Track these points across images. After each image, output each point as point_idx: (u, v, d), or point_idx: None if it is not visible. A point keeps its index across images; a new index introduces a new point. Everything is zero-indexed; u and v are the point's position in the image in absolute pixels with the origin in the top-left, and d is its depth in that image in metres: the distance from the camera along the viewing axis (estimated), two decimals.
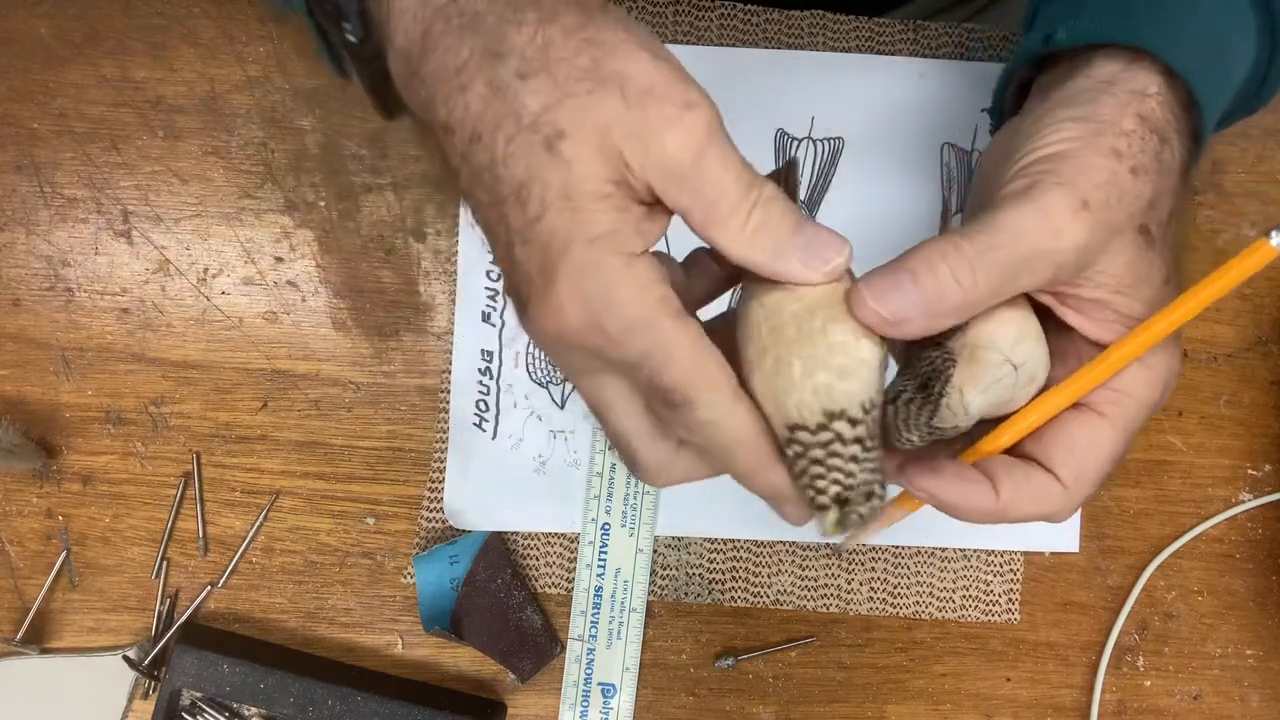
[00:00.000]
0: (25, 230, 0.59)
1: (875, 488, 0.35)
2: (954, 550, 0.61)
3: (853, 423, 0.34)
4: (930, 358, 0.37)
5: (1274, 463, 0.62)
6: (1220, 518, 0.62)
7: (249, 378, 0.60)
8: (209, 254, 0.60)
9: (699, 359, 0.34)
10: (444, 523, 0.60)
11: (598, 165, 0.33)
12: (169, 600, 0.60)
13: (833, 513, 0.35)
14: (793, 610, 0.61)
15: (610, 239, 0.33)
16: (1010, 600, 0.61)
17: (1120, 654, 0.62)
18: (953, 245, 0.35)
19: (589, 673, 0.60)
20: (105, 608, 0.60)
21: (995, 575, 0.61)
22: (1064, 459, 0.38)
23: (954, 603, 0.61)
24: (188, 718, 0.58)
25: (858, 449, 0.35)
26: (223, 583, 0.60)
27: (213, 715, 0.58)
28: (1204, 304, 0.36)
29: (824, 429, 0.34)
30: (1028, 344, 0.38)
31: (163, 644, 0.59)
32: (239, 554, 0.60)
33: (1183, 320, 0.37)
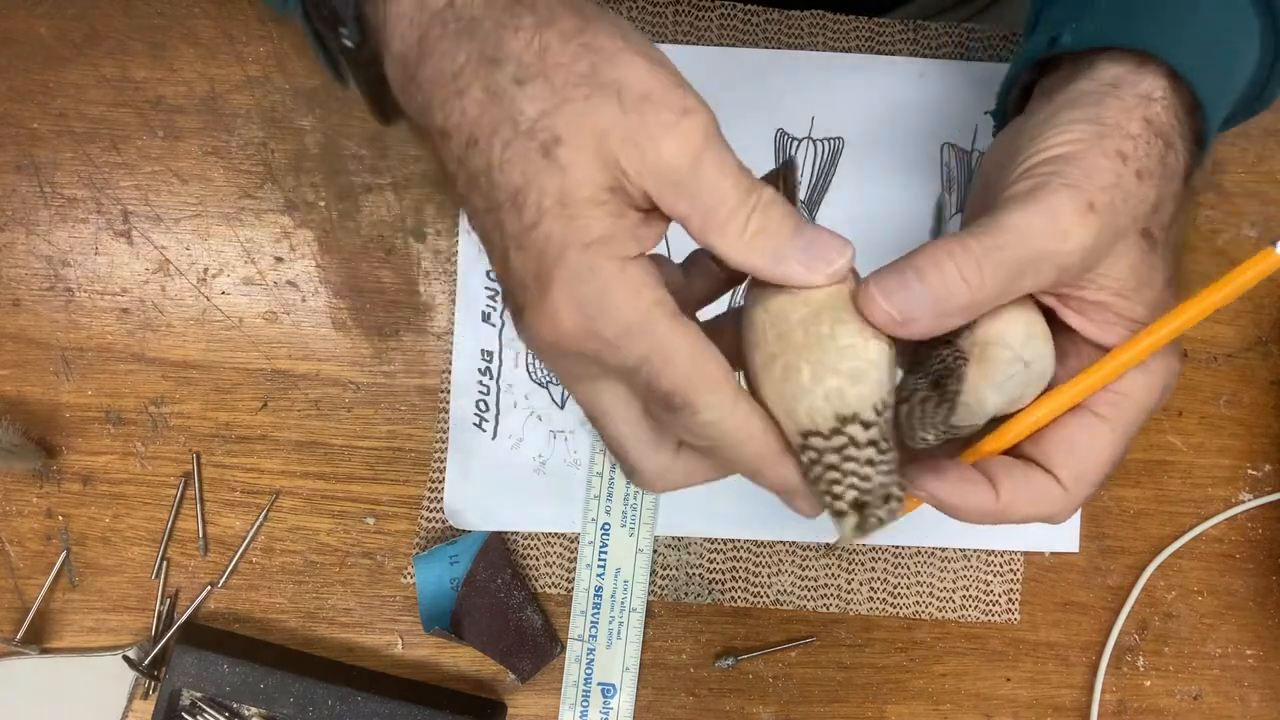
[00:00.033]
0: (25, 230, 0.59)
1: (893, 490, 0.35)
2: (954, 550, 0.61)
3: (866, 425, 0.34)
4: (942, 355, 0.36)
5: (1274, 463, 0.62)
6: (1220, 518, 0.62)
7: (249, 378, 0.60)
8: (209, 254, 0.60)
9: (698, 360, 0.34)
10: (444, 523, 0.60)
11: (594, 171, 0.33)
12: (169, 600, 0.60)
13: (851, 518, 0.34)
14: (793, 610, 0.61)
15: (605, 244, 0.33)
16: (1010, 600, 0.61)
17: (1120, 654, 0.62)
18: (960, 244, 0.35)
19: (589, 673, 0.60)
20: (105, 608, 0.60)
21: (995, 575, 0.61)
22: (1064, 460, 0.38)
23: (954, 603, 0.61)
24: (188, 718, 0.58)
25: (873, 452, 0.34)
26: (223, 583, 0.60)
27: (213, 715, 0.58)
28: (1208, 311, 0.36)
29: (837, 433, 0.34)
30: (1037, 342, 0.38)
31: (163, 644, 0.59)
32: (239, 554, 0.60)
33: (1186, 326, 0.37)
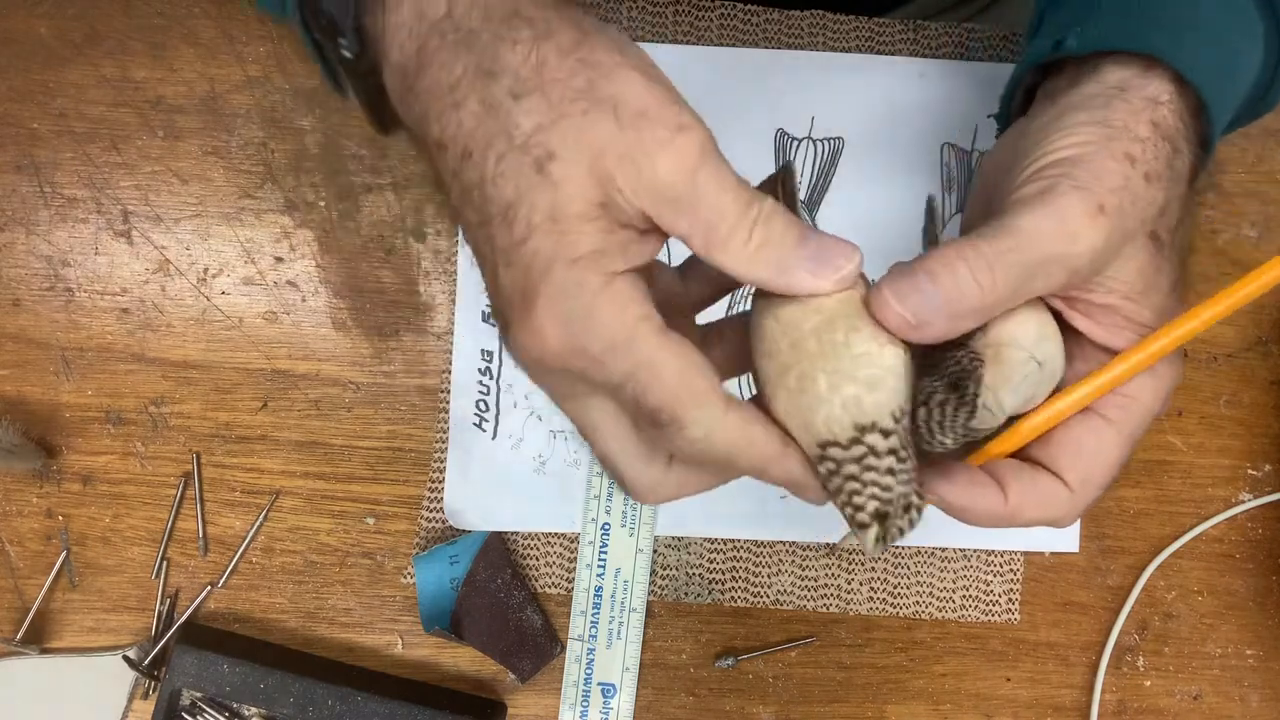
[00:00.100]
0: (25, 230, 0.59)
1: (913, 499, 0.34)
2: (954, 550, 0.61)
3: (885, 434, 0.34)
4: (956, 357, 0.36)
5: (1274, 463, 0.62)
6: (1220, 518, 0.62)
7: (249, 378, 0.60)
8: (209, 254, 0.60)
9: (685, 376, 0.33)
10: (444, 523, 0.60)
11: (587, 187, 0.33)
12: (169, 600, 0.60)
13: (874, 529, 0.34)
14: (793, 610, 0.61)
15: (593, 259, 0.33)
16: (1010, 600, 0.61)
17: (1120, 654, 0.62)
18: (971, 247, 0.35)
19: (589, 673, 0.60)
20: (105, 608, 0.60)
21: (995, 575, 0.61)
22: (1071, 463, 0.38)
23: (954, 603, 0.61)
24: (188, 718, 0.58)
25: (892, 460, 0.34)
26: (223, 583, 0.60)
27: (213, 715, 0.58)
28: (1218, 316, 0.36)
29: (856, 443, 0.34)
30: (1049, 343, 0.37)
31: (163, 644, 0.59)
32: (239, 554, 0.60)
33: (1197, 331, 0.37)
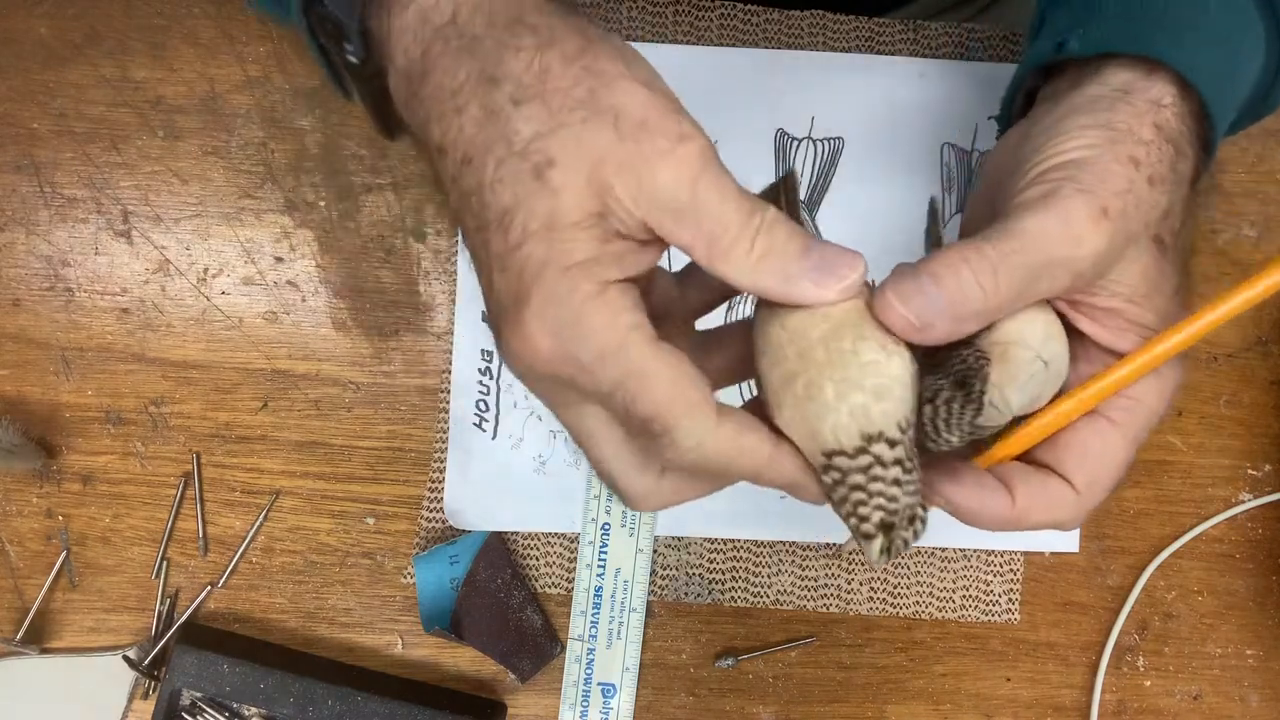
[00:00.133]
0: (25, 230, 0.59)
1: (918, 510, 0.34)
2: (954, 550, 0.61)
3: (891, 444, 0.34)
4: (963, 355, 0.36)
5: (1274, 463, 0.62)
6: (1220, 518, 0.62)
7: (249, 378, 0.60)
8: (209, 254, 0.60)
9: (677, 385, 0.33)
10: (444, 523, 0.60)
11: (585, 197, 0.33)
12: (169, 600, 0.60)
13: (879, 540, 0.34)
14: (793, 610, 0.61)
15: (586, 267, 0.33)
16: (1010, 600, 0.61)
17: (1120, 654, 0.62)
18: (975, 250, 0.34)
19: (589, 673, 0.60)
20: (105, 608, 0.60)
21: (995, 575, 0.61)
22: (1077, 465, 0.38)
23: (954, 603, 0.61)
24: (188, 718, 0.58)
25: (898, 471, 0.34)
26: (223, 583, 0.60)
27: (213, 715, 0.58)
28: (1223, 319, 0.36)
29: (863, 452, 0.34)
30: (1055, 342, 0.37)
31: (163, 644, 0.59)
32: (239, 554, 0.60)
33: (1201, 334, 0.36)
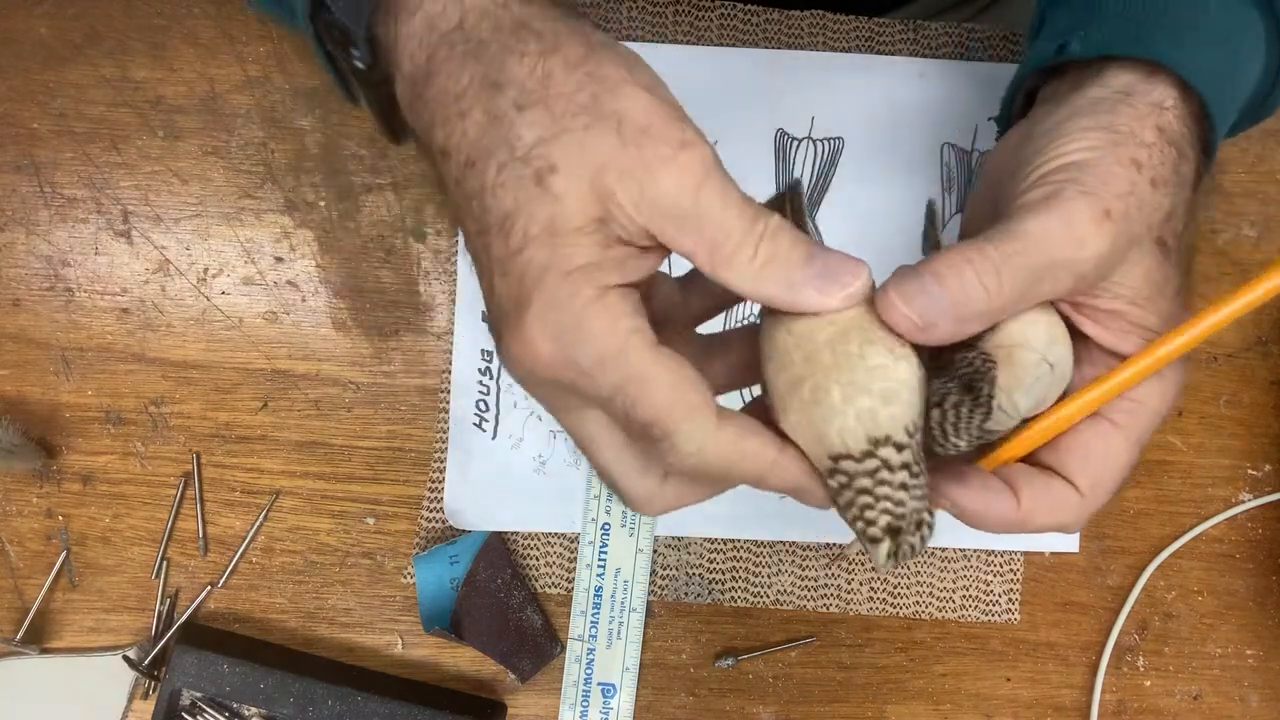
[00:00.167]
0: (25, 230, 0.59)
1: (925, 515, 0.34)
2: (954, 550, 0.61)
3: (899, 448, 0.33)
4: (969, 359, 0.36)
5: (1274, 463, 0.62)
6: (1220, 518, 0.62)
7: (249, 378, 0.60)
8: (209, 254, 0.60)
9: (677, 389, 0.33)
10: (444, 523, 0.60)
11: (587, 203, 0.33)
12: (169, 600, 0.60)
13: (886, 545, 0.33)
14: (793, 610, 0.61)
15: (586, 272, 0.33)
16: (1010, 600, 0.61)
17: (1120, 654, 0.62)
18: (978, 250, 0.34)
19: (589, 673, 0.60)
20: (105, 608, 0.60)
21: (995, 575, 0.61)
22: (1080, 467, 0.38)
23: (954, 603, 0.61)
24: (188, 718, 0.58)
25: (905, 475, 0.33)
26: (223, 583, 0.60)
27: (213, 715, 0.58)
28: (1226, 321, 0.36)
29: (870, 456, 0.33)
30: (1059, 345, 0.37)
31: (163, 644, 0.59)
32: (239, 554, 0.60)
33: (1204, 336, 0.36)
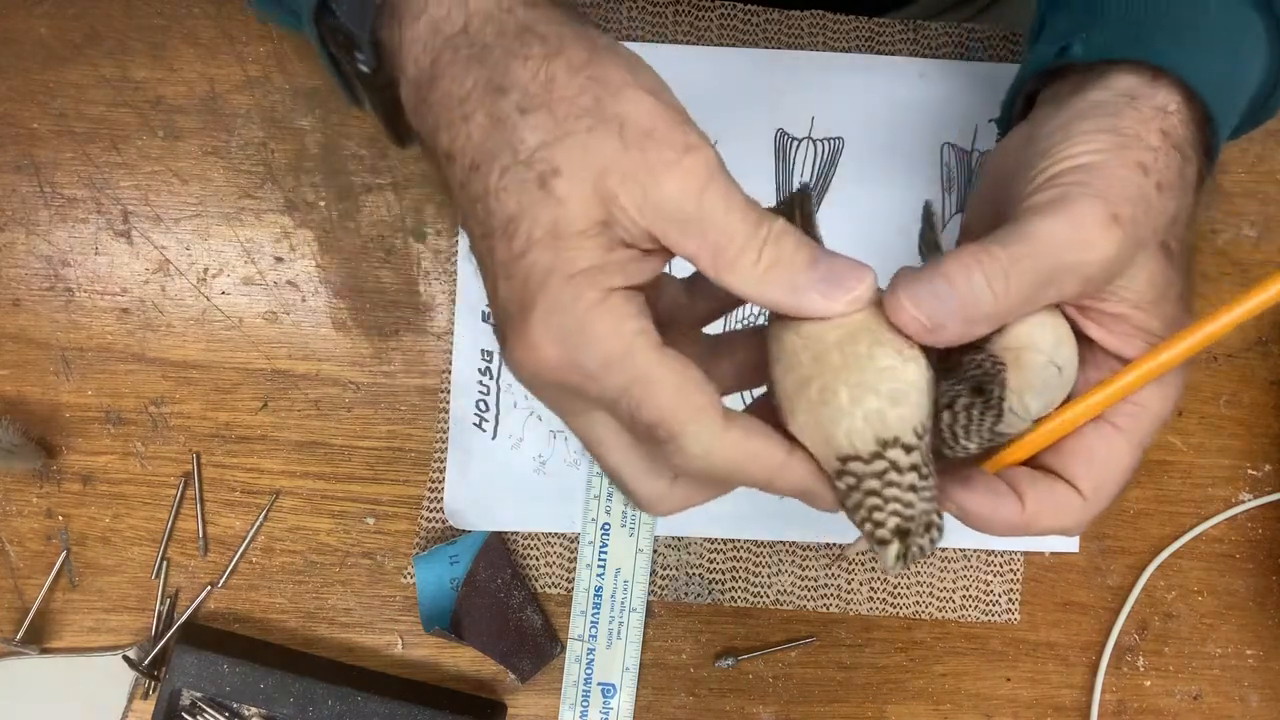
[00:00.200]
0: (25, 230, 0.59)
1: (934, 517, 0.34)
2: (954, 550, 0.61)
3: (907, 449, 0.33)
4: (977, 361, 0.35)
5: (1274, 463, 0.62)
6: (1220, 518, 0.62)
7: (249, 378, 0.60)
8: (209, 254, 0.60)
9: (683, 391, 0.33)
10: (444, 523, 0.60)
11: (590, 206, 0.33)
12: (169, 600, 0.60)
13: (894, 546, 0.33)
14: (793, 610, 0.61)
15: (590, 275, 0.33)
16: (1010, 600, 0.61)
17: (1120, 654, 0.62)
18: (986, 253, 0.34)
19: (589, 673, 0.60)
20: (105, 608, 0.60)
21: (995, 575, 0.61)
22: (1083, 471, 0.38)
23: (954, 603, 0.61)
24: (188, 718, 0.58)
25: (914, 477, 0.33)
26: (223, 583, 0.60)
27: (213, 715, 0.58)
28: (1229, 326, 0.36)
29: (878, 457, 0.33)
30: (1065, 347, 0.37)
31: (163, 644, 0.59)
32: (239, 554, 0.60)
33: (1208, 340, 0.36)
